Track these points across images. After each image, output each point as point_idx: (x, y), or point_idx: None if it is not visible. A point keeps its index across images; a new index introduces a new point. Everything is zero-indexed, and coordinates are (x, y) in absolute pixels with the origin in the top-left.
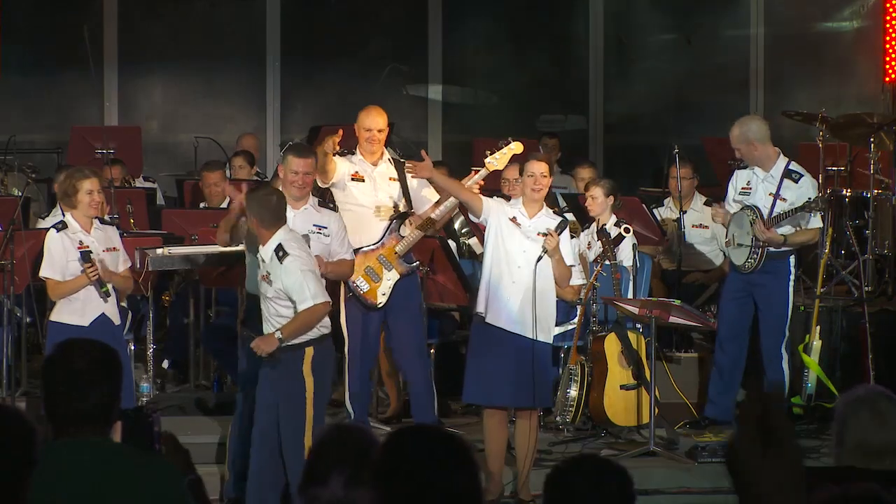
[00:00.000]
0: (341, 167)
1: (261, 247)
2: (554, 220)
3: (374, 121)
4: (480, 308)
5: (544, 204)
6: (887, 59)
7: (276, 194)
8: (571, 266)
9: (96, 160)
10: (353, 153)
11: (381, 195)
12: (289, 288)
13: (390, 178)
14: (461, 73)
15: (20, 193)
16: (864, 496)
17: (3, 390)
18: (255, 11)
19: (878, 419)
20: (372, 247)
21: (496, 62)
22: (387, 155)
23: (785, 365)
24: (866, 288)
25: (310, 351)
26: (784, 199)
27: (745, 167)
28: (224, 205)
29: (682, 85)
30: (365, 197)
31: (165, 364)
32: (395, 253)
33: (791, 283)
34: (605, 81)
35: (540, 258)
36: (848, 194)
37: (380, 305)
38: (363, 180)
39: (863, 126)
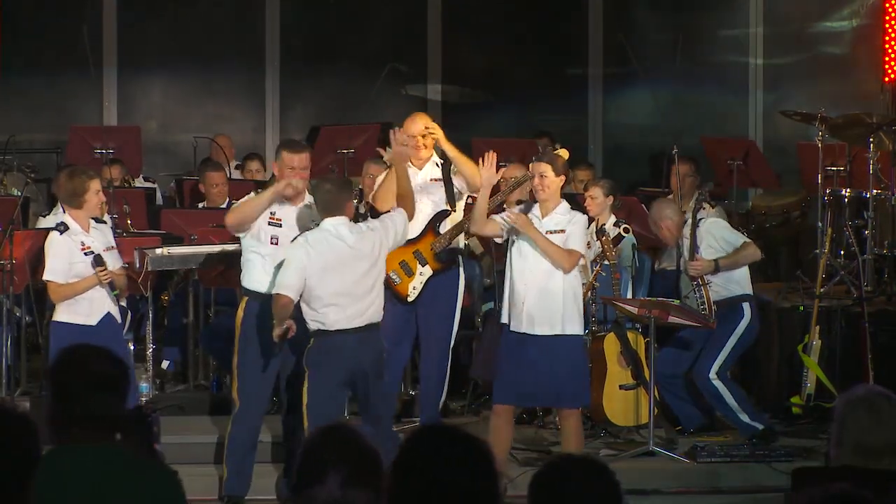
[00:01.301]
0: None
1: None
2: (566, 216)
3: (414, 127)
4: (504, 318)
5: (562, 202)
6: (886, 58)
7: (330, 182)
8: (576, 251)
9: (95, 160)
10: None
11: (420, 194)
12: None
13: (432, 179)
14: (460, 72)
15: (19, 193)
16: (842, 496)
17: (2, 390)
18: (255, 11)
19: (877, 419)
20: (409, 241)
21: (495, 62)
22: (434, 157)
23: (717, 384)
24: (866, 288)
25: (311, 342)
26: (699, 245)
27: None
28: (224, 205)
29: (682, 84)
30: None
31: (165, 364)
32: (431, 249)
33: (739, 330)
34: (605, 81)
35: (512, 237)
36: (847, 194)
37: (410, 300)
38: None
39: (862, 126)
